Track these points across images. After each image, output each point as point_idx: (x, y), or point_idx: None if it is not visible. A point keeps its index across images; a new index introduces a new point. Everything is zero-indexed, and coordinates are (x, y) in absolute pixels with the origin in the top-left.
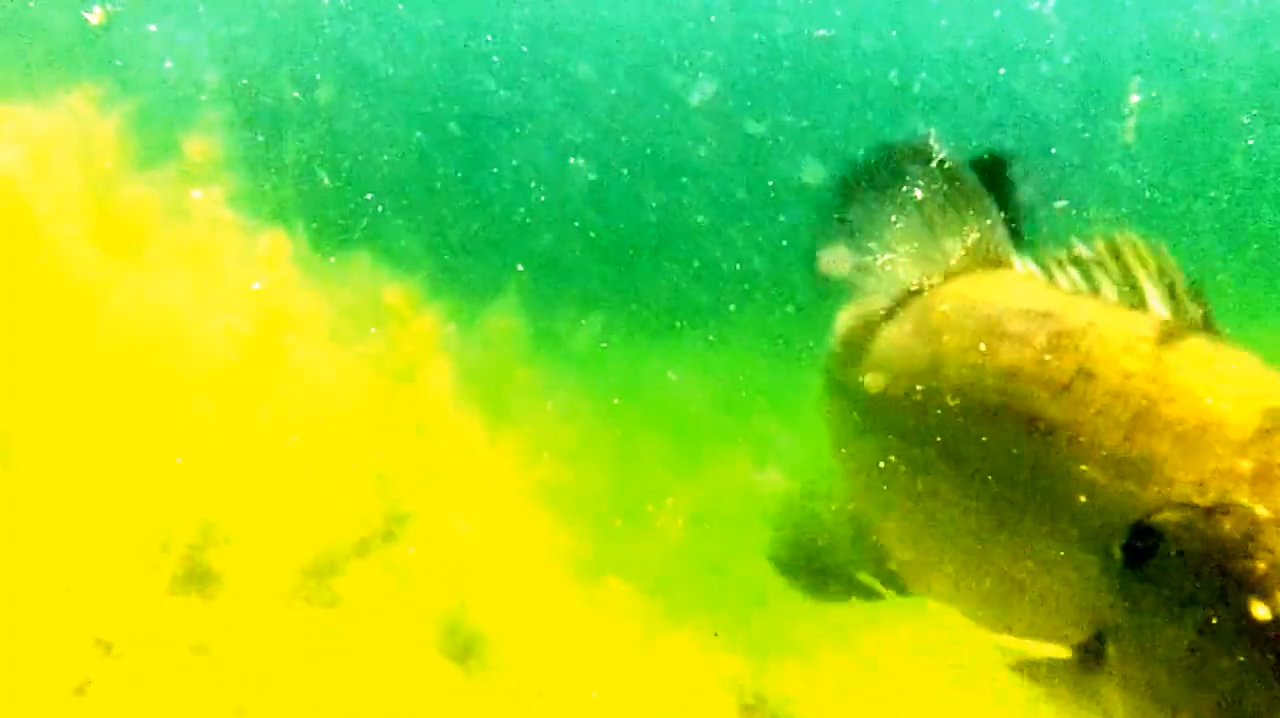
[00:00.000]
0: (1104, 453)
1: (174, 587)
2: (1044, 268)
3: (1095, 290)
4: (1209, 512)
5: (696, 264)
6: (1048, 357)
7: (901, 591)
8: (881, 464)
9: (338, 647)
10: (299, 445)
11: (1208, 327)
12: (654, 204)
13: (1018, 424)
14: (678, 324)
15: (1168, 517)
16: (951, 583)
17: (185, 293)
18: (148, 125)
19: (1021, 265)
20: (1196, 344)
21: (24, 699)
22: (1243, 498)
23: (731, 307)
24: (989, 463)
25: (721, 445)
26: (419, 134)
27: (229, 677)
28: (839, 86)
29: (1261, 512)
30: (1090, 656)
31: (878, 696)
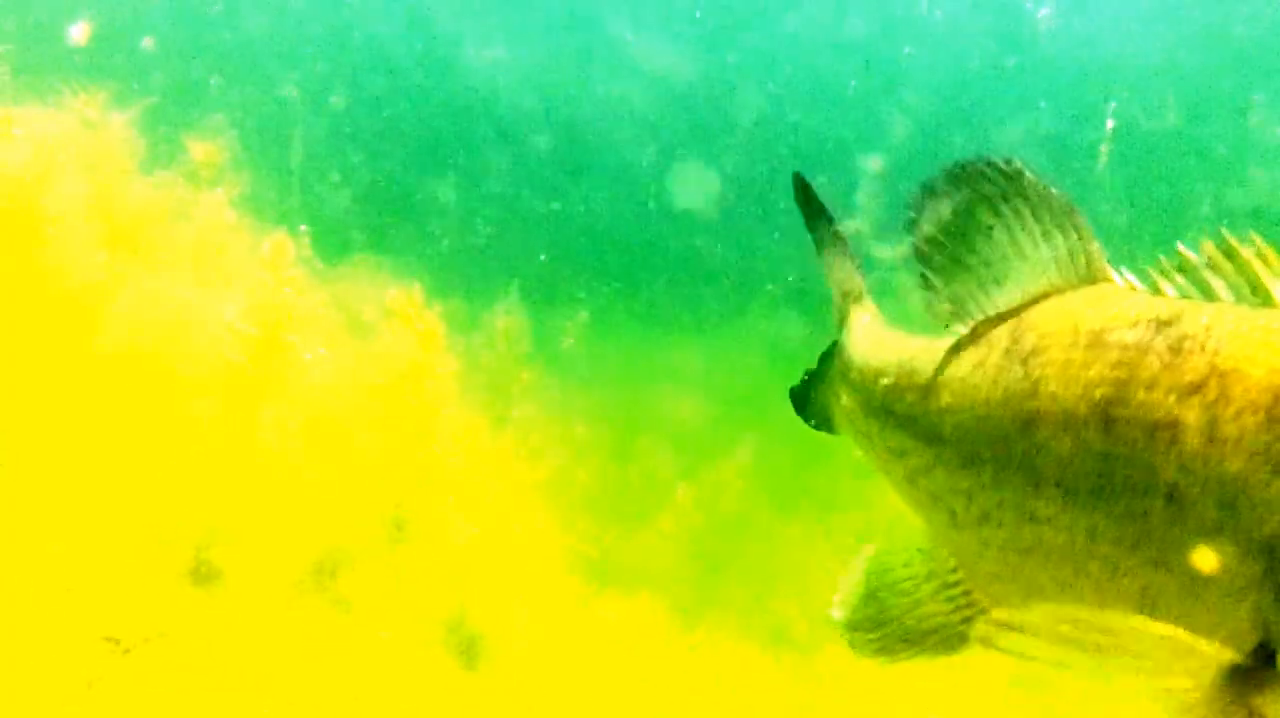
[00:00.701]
0: (1254, 450)
1: (182, 584)
2: (1148, 280)
3: (1210, 295)
4: None
5: (698, 266)
6: (1172, 359)
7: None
8: (983, 500)
9: (343, 644)
10: (304, 445)
11: None
12: (654, 205)
13: (1147, 434)
14: (679, 323)
15: None
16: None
17: (190, 293)
18: (153, 127)
19: (1121, 279)
20: None
21: (36, 694)
22: None
23: (732, 308)
24: (1119, 480)
25: (721, 446)
26: (423, 135)
27: (236, 673)
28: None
29: None
30: (1252, 669)
31: (877, 693)
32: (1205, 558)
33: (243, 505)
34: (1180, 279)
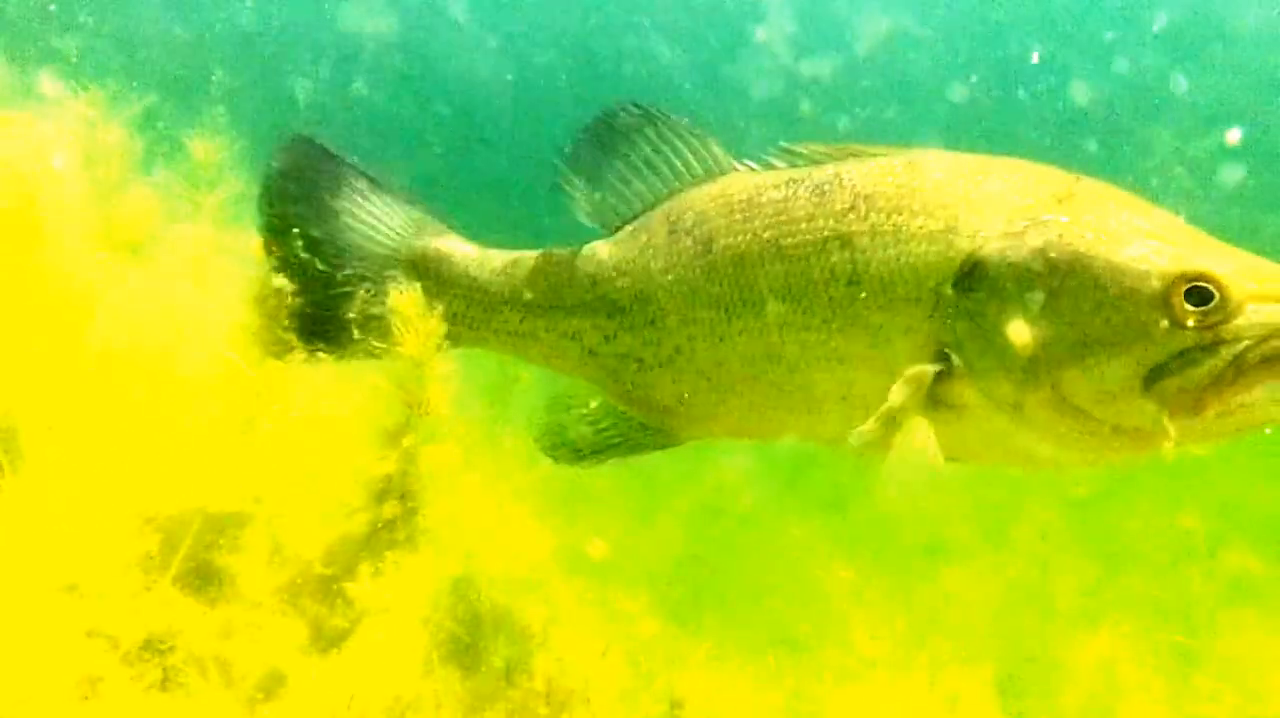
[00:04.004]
0: (911, 237)
1: (181, 585)
2: (765, 167)
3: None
4: (1022, 231)
5: None
6: (821, 198)
7: (669, 440)
8: (671, 341)
9: (343, 645)
10: (304, 445)
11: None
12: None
13: (819, 247)
14: None
15: (990, 245)
16: (774, 403)
17: (190, 294)
18: (152, 127)
19: (743, 168)
20: (933, 167)
21: (33, 699)
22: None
23: None
24: (803, 284)
25: (721, 445)
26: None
27: (237, 676)
28: None
29: (1065, 217)
30: (941, 371)
31: (877, 693)
32: (889, 313)
33: (244, 505)
34: (780, 164)
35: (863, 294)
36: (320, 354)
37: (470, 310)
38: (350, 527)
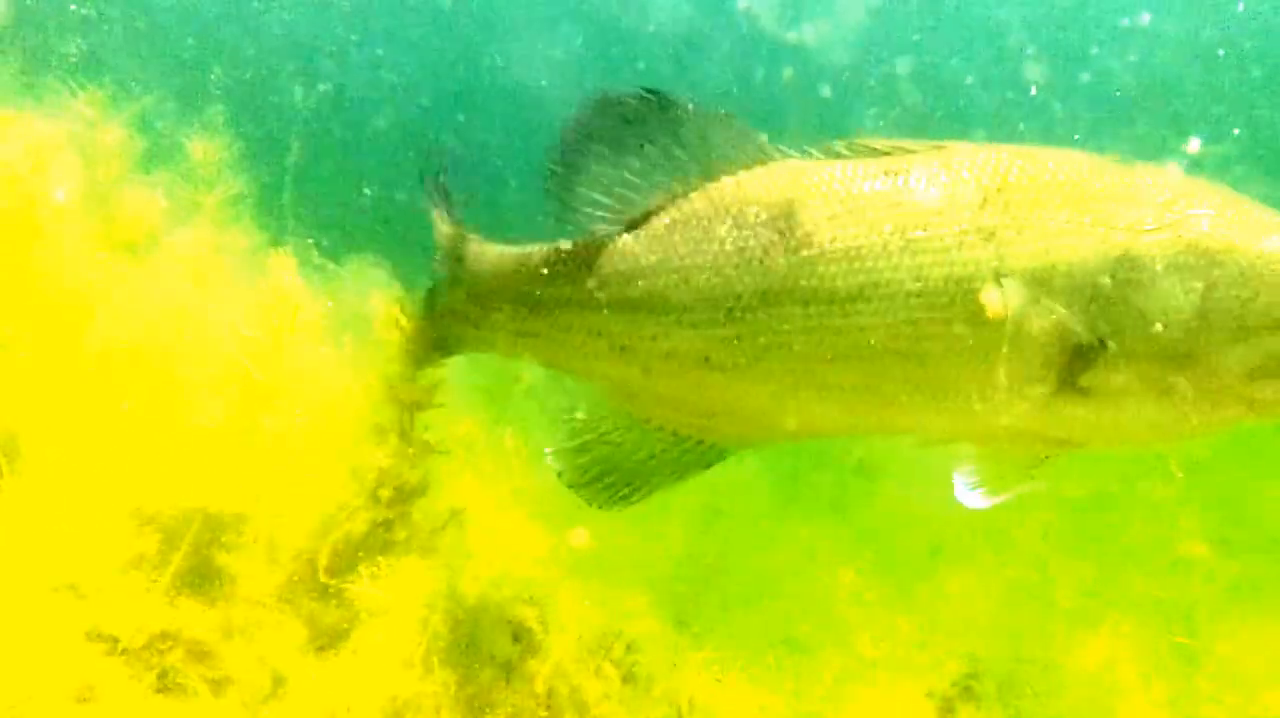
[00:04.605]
0: (1058, 228)
1: (180, 584)
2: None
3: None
4: (1173, 223)
5: None
6: (948, 186)
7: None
8: (750, 331)
9: (342, 646)
10: (303, 445)
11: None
12: None
13: (959, 241)
14: None
15: (1145, 237)
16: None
17: (190, 294)
18: (151, 127)
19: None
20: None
21: (30, 701)
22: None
23: None
24: (917, 282)
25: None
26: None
27: (236, 676)
28: None
29: (1206, 210)
30: (1087, 357)
31: (877, 693)
32: (1040, 305)
33: (243, 505)
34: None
35: (1011, 287)
36: None
37: (470, 307)
38: (349, 527)
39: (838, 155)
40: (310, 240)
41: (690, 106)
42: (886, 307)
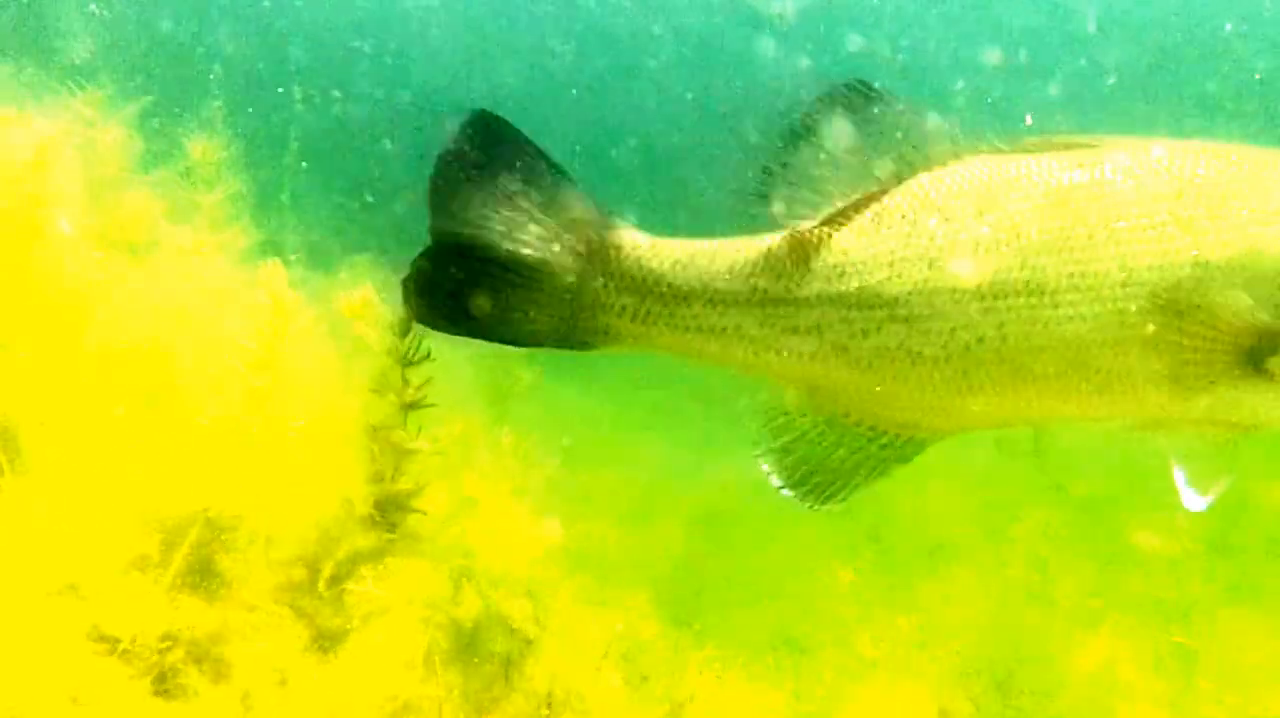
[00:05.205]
0: (1251, 218)
1: (179, 585)
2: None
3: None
4: None
5: None
6: (1143, 178)
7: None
8: (977, 328)
9: (343, 646)
10: (300, 446)
11: None
12: (651, 203)
13: (1160, 231)
14: None
15: None
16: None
17: (188, 295)
18: (150, 127)
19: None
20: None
21: (29, 700)
22: None
23: None
24: (1132, 275)
25: (721, 444)
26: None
27: (236, 676)
28: None
29: None
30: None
31: (876, 693)
32: (1236, 292)
33: (242, 505)
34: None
35: (1210, 275)
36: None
37: (645, 304)
38: (350, 528)
39: (1026, 150)
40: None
41: (895, 99)
42: (1094, 296)
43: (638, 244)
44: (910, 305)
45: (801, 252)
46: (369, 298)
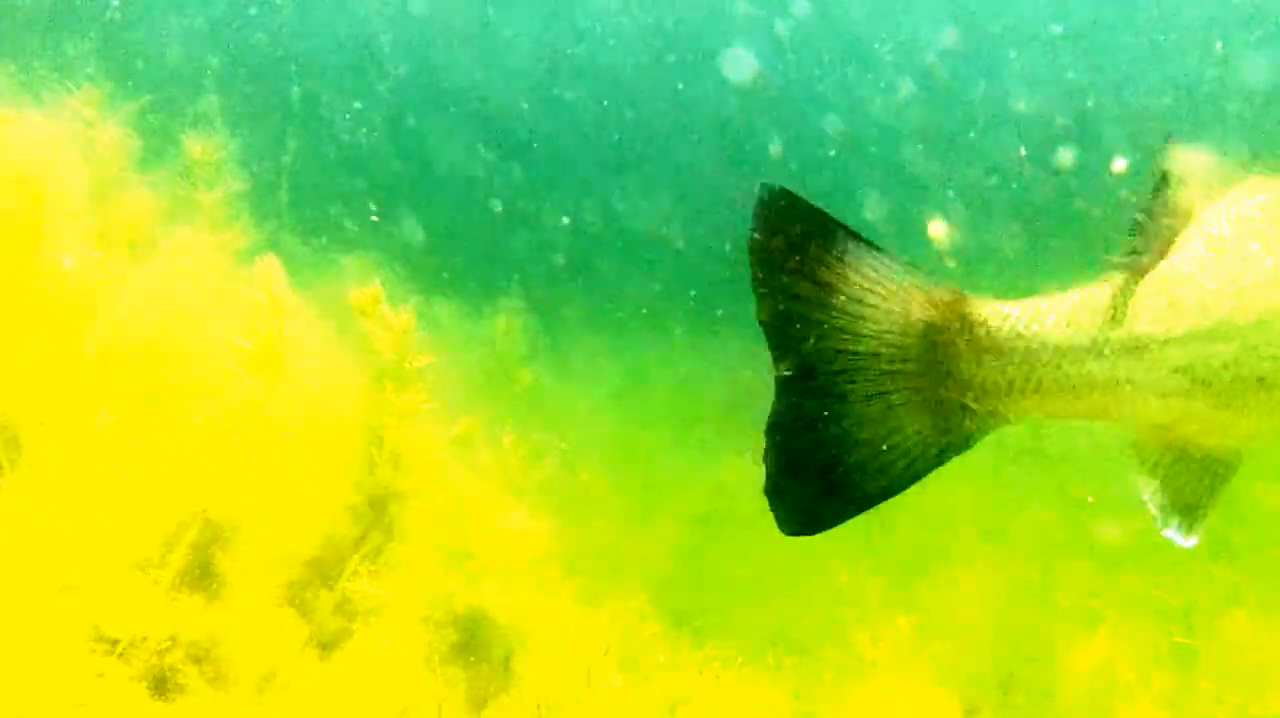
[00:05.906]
0: None
1: (179, 585)
2: None
3: None
4: None
5: (692, 260)
6: None
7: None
8: None
9: (343, 646)
10: (299, 446)
11: None
12: (651, 201)
13: None
14: (677, 321)
15: None
16: None
17: (187, 295)
18: (149, 126)
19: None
20: None
21: (29, 700)
22: None
23: (726, 304)
24: None
25: (721, 444)
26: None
27: (234, 677)
28: None
29: None
30: None
31: (877, 694)
32: None
33: (241, 505)
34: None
35: None
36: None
37: (1036, 373)
38: (350, 528)
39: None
40: None
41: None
42: None
43: (1003, 311)
44: (1256, 333)
45: (1163, 290)
46: (377, 294)
